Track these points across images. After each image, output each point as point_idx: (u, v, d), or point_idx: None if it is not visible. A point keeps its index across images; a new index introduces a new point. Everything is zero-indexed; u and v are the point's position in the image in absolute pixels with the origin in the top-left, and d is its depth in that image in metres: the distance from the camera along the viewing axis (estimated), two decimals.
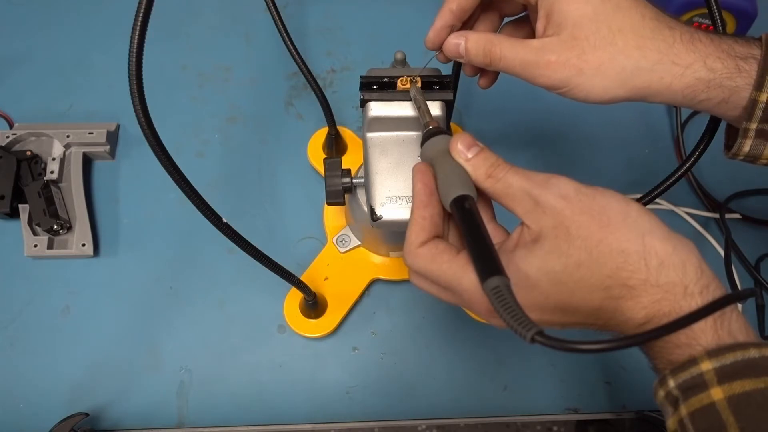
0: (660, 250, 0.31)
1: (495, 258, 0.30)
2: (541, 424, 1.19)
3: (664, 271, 0.30)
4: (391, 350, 0.57)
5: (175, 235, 0.60)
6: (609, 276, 0.31)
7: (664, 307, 0.30)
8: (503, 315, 0.28)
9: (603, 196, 0.32)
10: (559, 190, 0.32)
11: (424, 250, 0.34)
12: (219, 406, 0.55)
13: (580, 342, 0.26)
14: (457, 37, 0.40)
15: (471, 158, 0.35)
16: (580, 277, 0.31)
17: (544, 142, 0.66)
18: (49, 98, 0.66)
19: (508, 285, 0.29)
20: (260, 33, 0.70)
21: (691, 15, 0.62)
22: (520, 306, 0.28)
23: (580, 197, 0.32)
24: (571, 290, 0.31)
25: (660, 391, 0.31)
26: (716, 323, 0.30)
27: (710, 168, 0.66)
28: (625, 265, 0.31)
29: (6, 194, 0.57)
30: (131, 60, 0.29)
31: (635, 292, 0.31)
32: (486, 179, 0.34)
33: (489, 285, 0.29)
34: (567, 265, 0.31)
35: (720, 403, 0.28)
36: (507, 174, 0.34)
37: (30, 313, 0.57)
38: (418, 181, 0.35)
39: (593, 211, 0.32)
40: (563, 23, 0.37)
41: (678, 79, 0.37)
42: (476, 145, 0.35)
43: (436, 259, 0.33)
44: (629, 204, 0.32)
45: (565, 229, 0.31)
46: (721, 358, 0.29)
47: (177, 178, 0.33)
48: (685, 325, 0.27)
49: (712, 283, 0.31)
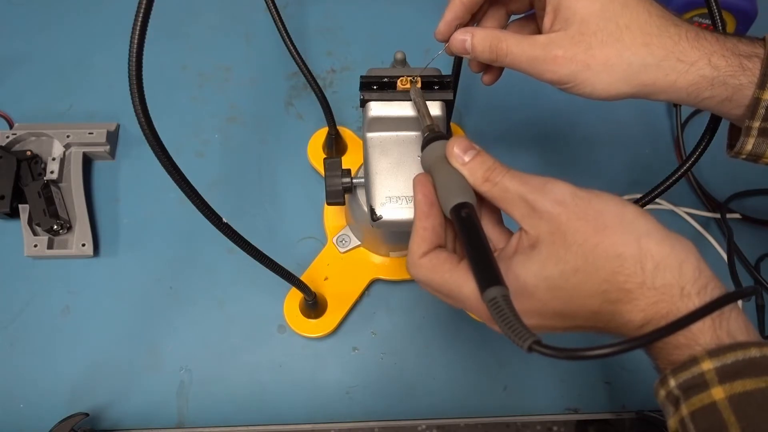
0: (656, 253, 0.31)
1: (493, 267, 0.30)
2: (541, 424, 1.19)
3: (660, 273, 0.30)
4: (391, 350, 0.57)
5: (175, 235, 0.60)
6: (606, 280, 0.31)
7: (661, 309, 0.30)
8: (501, 326, 0.28)
9: (599, 200, 0.32)
10: (555, 196, 0.32)
11: (425, 260, 0.34)
12: (219, 406, 0.55)
13: (575, 349, 0.26)
14: (463, 34, 0.40)
15: (468, 162, 0.35)
16: (577, 282, 0.31)
17: (545, 142, 0.66)
18: (49, 98, 0.66)
19: (506, 295, 0.29)
20: (260, 33, 0.70)
21: (691, 15, 0.62)
22: (517, 316, 0.28)
23: (576, 202, 0.32)
24: (568, 295, 0.32)
25: (661, 391, 0.31)
26: (714, 323, 0.30)
27: (710, 168, 0.66)
28: (621, 269, 0.31)
29: (6, 194, 0.57)
30: (131, 60, 0.29)
31: (632, 295, 0.31)
32: (483, 183, 0.34)
33: (487, 296, 0.29)
34: (564, 271, 0.31)
35: (721, 403, 0.28)
36: (504, 178, 0.34)
37: (30, 313, 0.57)
38: (418, 192, 0.36)
39: (589, 216, 0.32)
40: (571, 19, 0.38)
41: (683, 76, 0.37)
42: (473, 149, 0.35)
43: (438, 270, 0.34)
44: (626, 207, 0.32)
45: (562, 234, 0.32)
46: (722, 358, 0.29)
47: (177, 178, 0.33)
48: (681, 328, 0.28)
49: (710, 283, 0.31)
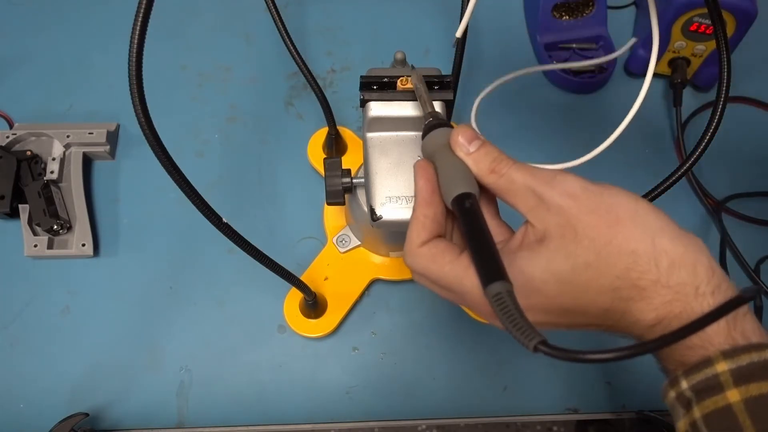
0: (670, 250, 0.30)
1: (497, 261, 0.29)
2: (541, 424, 1.19)
3: (675, 271, 0.29)
4: (391, 350, 0.57)
5: (175, 235, 0.60)
6: (618, 277, 0.30)
7: (675, 308, 0.29)
8: (505, 323, 0.27)
9: (611, 194, 0.31)
10: (565, 188, 0.31)
11: (424, 249, 0.33)
12: (219, 406, 0.55)
13: (584, 351, 0.25)
14: None
15: (473, 152, 0.34)
16: (588, 278, 0.30)
17: (545, 142, 0.66)
18: (49, 98, 0.66)
19: (511, 291, 0.28)
20: (260, 33, 0.70)
21: (691, 15, 0.62)
22: (522, 314, 0.27)
23: (588, 195, 0.31)
24: (578, 292, 0.30)
25: (671, 392, 0.30)
26: (729, 324, 0.29)
27: (710, 168, 0.66)
28: (635, 265, 0.30)
29: (6, 194, 0.57)
30: (131, 60, 0.29)
31: (645, 293, 0.30)
32: (489, 174, 0.33)
33: (491, 291, 0.28)
34: (575, 266, 0.30)
35: (736, 406, 0.27)
36: (510, 169, 0.33)
37: (30, 313, 0.57)
38: (420, 178, 0.34)
39: (601, 210, 0.31)
40: None
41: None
42: (478, 138, 0.34)
43: (437, 260, 0.32)
44: (638, 202, 0.31)
45: (572, 228, 0.30)
46: (737, 360, 0.28)
47: (177, 178, 0.33)
48: (700, 329, 0.26)
49: (723, 282, 0.30)
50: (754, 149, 0.67)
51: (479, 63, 0.69)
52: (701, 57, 0.65)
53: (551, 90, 0.69)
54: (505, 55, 0.67)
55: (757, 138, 0.68)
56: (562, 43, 0.69)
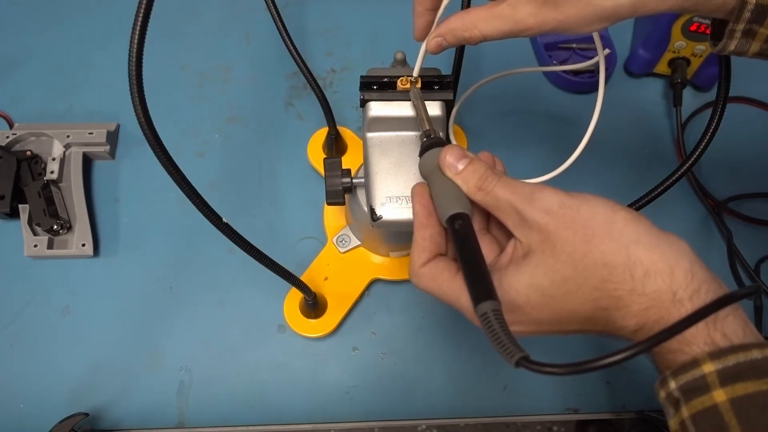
0: (645, 259, 0.31)
1: (485, 281, 0.31)
2: (541, 424, 1.19)
3: (651, 279, 0.30)
4: (391, 350, 0.57)
5: (175, 235, 0.60)
6: (596, 288, 0.31)
7: (653, 315, 0.30)
8: (491, 341, 0.29)
9: (588, 207, 0.32)
10: (543, 205, 0.33)
11: (425, 270, 0.35)
12: (219, 406, 0.55)
13: (560, 365, 0.27)
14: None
15: (461, 171, 0.36)
16: (567, 291, 0.32)
17: (545, 142, 0.66)
18: (49, 98, 0.66)
19: (497, 309, 0.30)
20: (260, 33, 0.70)
21: (691, 15, 0.62)
22: (506, 331, 0.29)
23: (564, 211, 0.32)
24: (560, 304, 0.32)
25: (661, 392, 0.31)
26: (708, 326, 0.30)
27: (710, 168, 0.66)
28: (610, 277, 0.31)
29: (6, 194, 0.57)
30: (131, 60, 0.29)
31: (622, 302, 0.31)
32: (476, 192, 0.35)
33: (479, 311, 0.30)
34: (554, 281, 0.32)
35: (722, 406, 0.28)
36: (495, 187, 0.34)
37: (30, 313, 0.57)
38: (416, 203, 0.37)
39: (577, 225, 0.32)
40: None
41: None
42: (466, 157, 0.36)
43: (437, 279, 0.34)
44: (615, 213, 0.32)
45: (551, 244, 0.32)
46: (723, 360, 0.28)
47: (177, 178, 0.33)
48: (664, 340, 0.28)
49: (704, 285, 0.30)
50: (754, 149, 0.67)
51: (479, 63, 0.69)
52: (701, 57, 0.65)
53: (551, 90, 0.69)
54: (505, 55, 0.67)
55: (757, 138, 0.68)
56: (562, 43, 0.69)
